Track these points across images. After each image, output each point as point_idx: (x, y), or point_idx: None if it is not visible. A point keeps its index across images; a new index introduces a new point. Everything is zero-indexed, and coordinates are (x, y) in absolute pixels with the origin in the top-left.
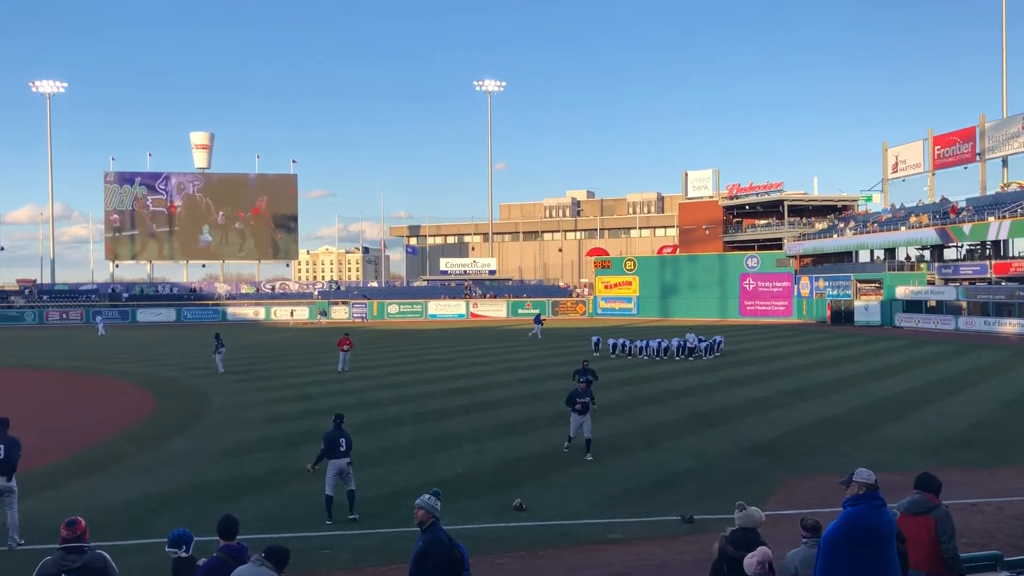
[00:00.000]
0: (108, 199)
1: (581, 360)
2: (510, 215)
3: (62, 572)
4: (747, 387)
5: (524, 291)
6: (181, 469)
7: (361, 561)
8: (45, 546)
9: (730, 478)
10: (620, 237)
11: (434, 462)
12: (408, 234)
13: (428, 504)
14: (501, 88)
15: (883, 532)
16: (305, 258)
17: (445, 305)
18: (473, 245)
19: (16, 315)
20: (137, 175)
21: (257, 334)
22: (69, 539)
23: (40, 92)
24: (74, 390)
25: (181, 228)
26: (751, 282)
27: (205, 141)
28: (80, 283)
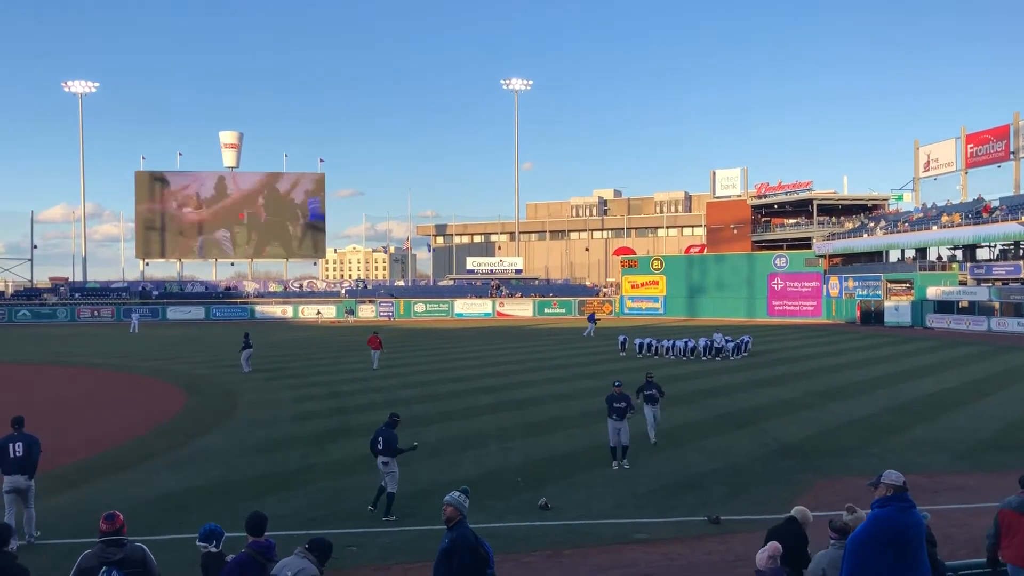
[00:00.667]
0: (138, 198)
1: (645, 374)
2: (537, 214)
3: (103, 564)
4: (775, 388)
5: (550, 290)
6: (210, 466)
7: (388, 559)
8: (78, 540)
9: (757, 479)
10: (647, 236)
11: (460, 461)
12: (435, 233)
13: (457, 501)
14: (528, 87)
15: (911, 534)
16: (332, 257)
17: (471, 304)
18: (500, 244)
19: (49, 312)
20: (167, 174)
21: (285, 332)
22: (109, 532)
23: (72, 92)
24: (105, 387)
25: (210, 227)
26: (779, 282)
27: (234, 140)
28: (111, 281)
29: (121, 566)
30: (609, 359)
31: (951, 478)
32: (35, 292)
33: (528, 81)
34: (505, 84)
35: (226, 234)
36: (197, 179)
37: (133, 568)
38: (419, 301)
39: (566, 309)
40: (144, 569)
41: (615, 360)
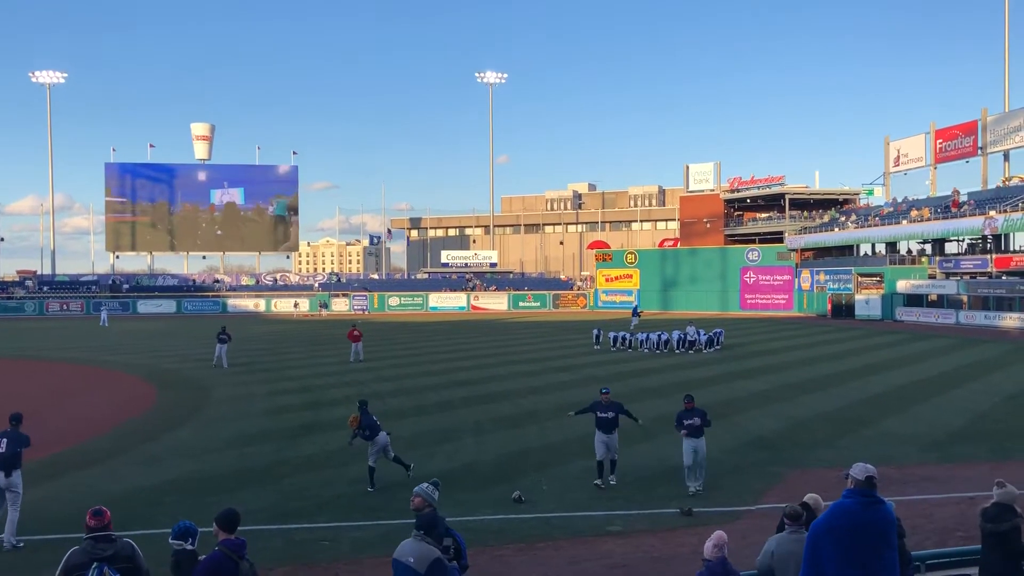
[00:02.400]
0: (109, 190)
1: (683, 397)
2: (511, 208)
3: (93, 561)
4: (747, 380)
5: (525, 284)
6: (182, 461)
7: (361, 552)
8: (48, 536)
9: (730, 471)
10: (621, 230)
11: (435, 454)
12: (409, 226)
13: (425, 492)
14: (503, 80)
15: (873, 528)
16: (306, 250)
17: (446, 297)
18: (474, 238)
19: (16, 306)
20: (138, 166)
21: (258, 326)
22: (97, 528)
23: (40, 83)
24: (75, 381)
25: (181, 219)
26: (752, 275)
27: (206, 132)
28: (81, 274)
29: (111, 562)
30: (583, 352)
31: (919, 469)
32: (2, 285)
33: (503, 74)
34: (480, 77)
35: (197, 227)
36: (168, 171)
37: (123, 564)
38: (393, 294)
39: (541, 303)
40: (134, 564)
41: (589, 353)
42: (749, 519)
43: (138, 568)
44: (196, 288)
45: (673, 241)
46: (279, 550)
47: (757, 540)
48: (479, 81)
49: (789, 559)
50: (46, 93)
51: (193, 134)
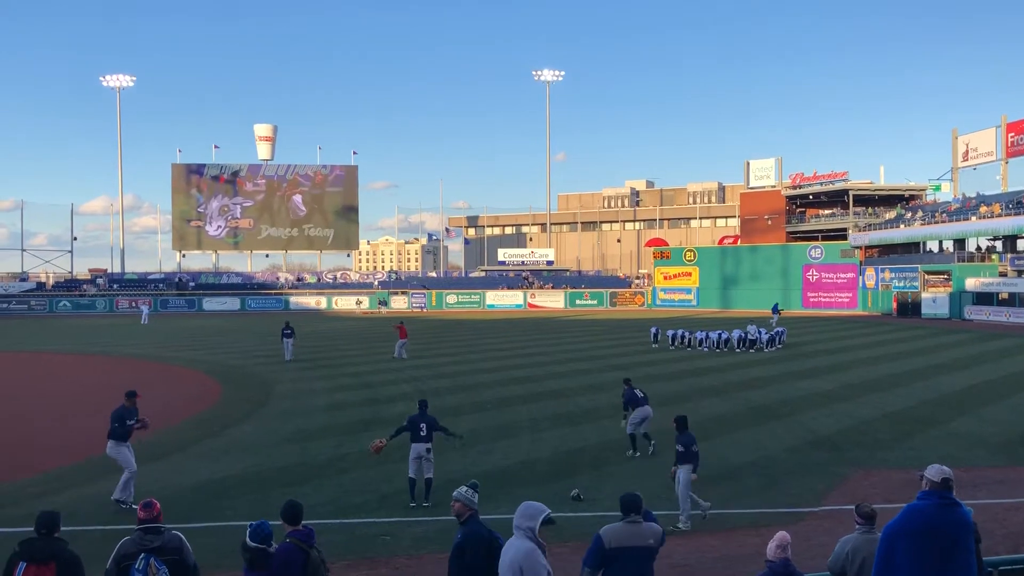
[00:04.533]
0: (175, 190)
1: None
2: (568, 205)
3: (141, 552)
4: (809, 380)
5: (582, 282)
6: (246, 455)
7: (421, 548)
8: (116, 527)
9: (791, 471)
10: (680, 227)
11: (492, 451)
12: (467, 224)
13: (464, 497)
14: (560, 78)
15: (949, 531)
16: (365, 248)
17: (503, 295)
18: (531, 235)
19: (88, 303)
20: (203, 167)
21: (319, 323)
22: (146, 520)
23: (110, 87)
24: (142, 377)
25: (245, 218)
26: (814, 273)
27: (268, 133)
28: (148, 272)
29: (158, 553)
30: (641, 351)
31: (989, 472)
32: (75, 283)
33: (560, 72)
34: (536, 75)
35: (261, 226)
36: (232, 171)
37: (170, 555)
38: (451, 292)
39: (598, 300)
40: (180, 557)
41: (647, 352)
42: (812, 520)
43: (184, 561)
44: (259, 286)
45: (733, 238)
46: (340, 544)
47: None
48: (536, 79)
49: (859, 559)
50: (116, 97)
51: (256, 135)
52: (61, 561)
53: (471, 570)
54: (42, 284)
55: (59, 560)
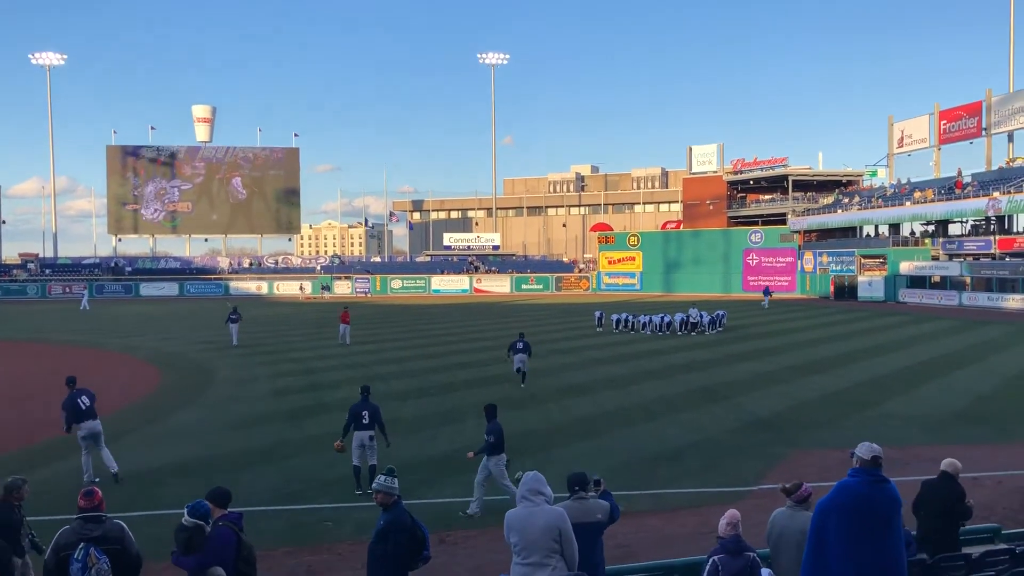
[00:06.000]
0: (110, 173)
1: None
2: (514, 190)
3: (81, 541)
4: (750, 362)
5: (528, 266)
6: (185, 442)
7: (363, 533)
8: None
9: (732, 452)
10: (624, 212)
11: (437, 436)
12: (411, 209)
13: (385, 486)
14: (505, 61)
15: (878, 507)
16: (308, 232)
17: (448, 280)
18: (477, 220)
19: (19, 289)
20: (139, 148)
21: (260, 308)
22: (87, 509)
23: (40, 64)
24: (78, 364)
25: (183, 202)
26: (755, 257)
27: (207, 115)
28: (83, 257)
29: (99, 543)
30: (586, 335)
31: (922, 450)
32: (4, 268)
33: (504, 55)
34: (481, 58)
35: (199, 209)
36: (170, 154)
37: (111, 545)
38: (396, 277)
39: (544, 285)
40: (122, 546)
41: (592, 335)
42: (752, 499)
43: (127, 549)
44: (198, 271)
45: (676, 223)
46: (282, 531)
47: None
48: (481, 62)
49: (790, 535)
50: (46, 75)
51: (194, 116)
52: None
53: (393, 556)
54: None
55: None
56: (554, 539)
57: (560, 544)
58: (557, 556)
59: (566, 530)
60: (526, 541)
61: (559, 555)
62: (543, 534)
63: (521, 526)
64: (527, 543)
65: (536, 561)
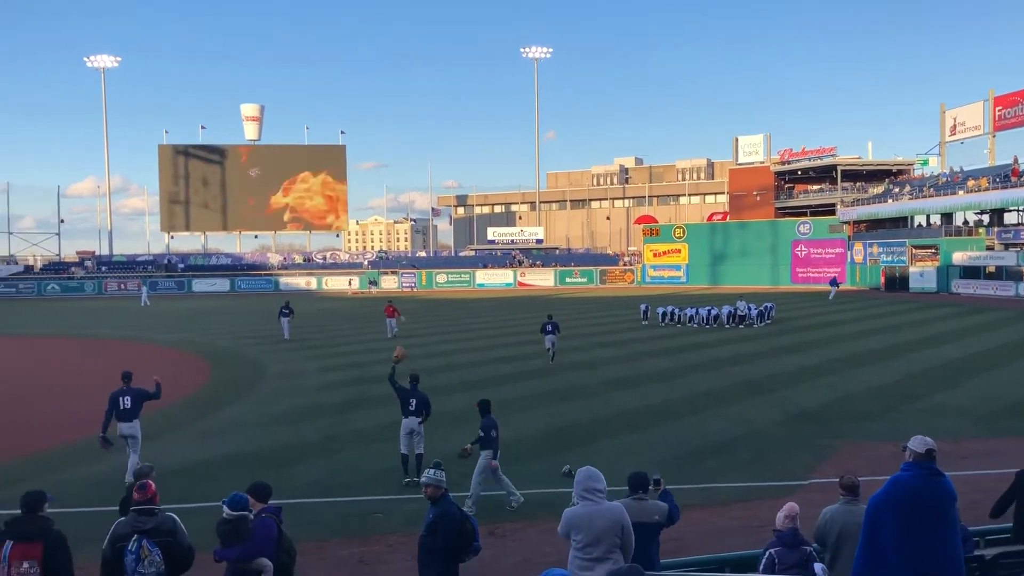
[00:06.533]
0: (162, 171)
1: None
2: (557, 183)
3: (135, 533)
4: (798, 354)
5: (572, 260)
6: (236, 436)
7: (412, 525)
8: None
9: (779, 445)
10: (669, 204)
11: None
12: (456, 203)
13: (433, 479)
14: (548, 55)
15: (933, 502)
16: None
17: (492, 274)
18: (520, 214)
19: (76, 286)
20: (190, 147)
21: (309, 303)
22: (140, 502)
23: (95, 67)
24: (132, 359)
25: (233, 199)
26: (803, 249)
27: (255, 113)
28: (137, 254)
29: (152, 535)
30: (631, 328)
31: (974, 443)
32: (63, 266)
33: (548, 49)
34: (525, 52)
35: (249, 207)
36: (220, 152)
37: (163, 537)
38: (441, 272)
39: (588, 278)
40: (174, 539)
41: (637, 329)
42: (801, 493)
43: (179, 542)
44: (249, 267)
45: (722, 215)
46: (332, 523)
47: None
48: (524, 56)
49: (844, 530)
50: (101, 77)
51: (243, 115)
52: (47, 539)
53: (443, 549)
54: (30, 267)
55: (46, 538)
56: (617, 535)
57: (622, 539)
58: (618, 551)
59: (627, 526)
60: (590, 537)
61: (620, 549)
62: (607, 530)
63: (586, 523)
64: (591, 539)
65: (599, 556)
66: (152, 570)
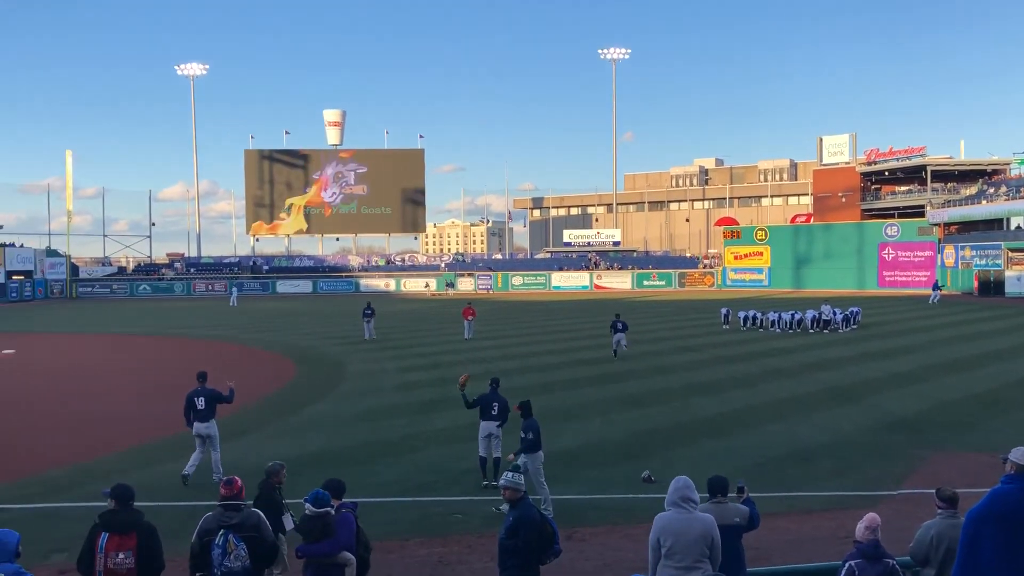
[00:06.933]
0: (248, 176)
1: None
2: (635, 185)
3: (221, 527)
4: (886, 360)
5: (650, 262)
6: (320, 433)
7: (491, 526)
8: (197, 503)
9: (868, 454)
10: (750, 206)
11: (562, 432)
12: (532, 206)
13: (512, 482)
14: (626, 56)
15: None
16: (432, 231)
17: (568, 277)
18: (597, 216)
19: (166, 287)
20: (275, 152)
21: (388, 305)
22: (227, 497)
23: (185, 75)
24: (220, 358)
25: (315, 202)
26: (890, 252)
27: (337, 118)
28: (224, 256)
29: (237, 530)
30: (711, 332)
31: None
32: (154, 267)
33: (626, 50)
34: (603, 54)
35: (331, 210)
36: (303, 157)
37: (248, 532)
38: (516, 274)
39: (666, 281)
40: (259, 534)
41: (718, 333)
42: (890, 504)
43: (263, 538)
44: (330, 269)
45: (806, 217)
46: (413, 522)
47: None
48: (602, 58)
49: (943, 545)
50: (190, 84)
51: (326, 120)
52: (141, 530)
53: (523, 551)
54: (123, 268)
55: (139, 529)
56: (706, 545)
57: (710, 550)
58: (706, 560)
59: (716, 537)
60: (680, 546)
61: (708, 559)
62: (698, 540)
63: (676, 531)
64: (681, 548)
65: (688, 565)
66: (237, 564)
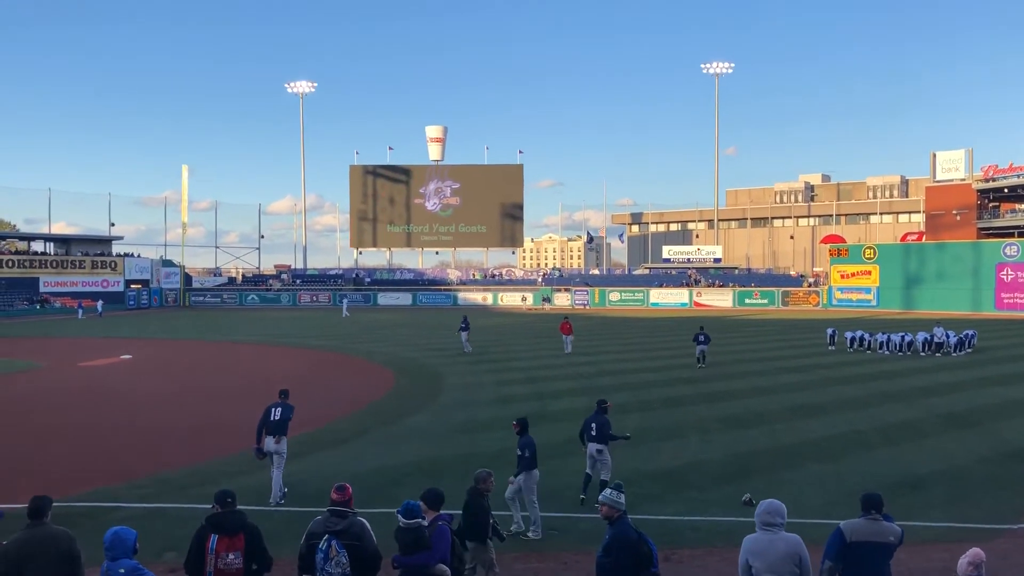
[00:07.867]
0: (353, 190)
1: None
2: (737, 201)
3: (326, 533)
4: (1005, 387)
5: (752, 280)
6: (419, 443)
7: (588, 544)
8: (301, 508)
9: (984, 484)
10: (858, 223)
11: (661, 450)
12: (630, 221)
13: (611, 499)
14: (729, 70)
15: None
16: (530, 246)
17: (667, 293)
18: (697, 232)
19: (273, 297)
20: (378, 167)
21: (485, 318)
22: (337, 503)
23: (295, 93)
24: (324, 367)
25: (417, 217)
26: (1009, 272)
27: (439, 134)
28: (328, 268)
29: (341, 536)
30: (817, 353)
31: None
32: (262, 278)
33: (729, 64)
34: (705, 68)
35: (432, 224)
36: (405, 172)
37: (351, 540)
38: (614, 290)
39: (769, 300)
40: (361, 543)
41: (823, 354)
42: (1010, 538)
43: (365, 547)
44: (430, 282)
45: (918, 235)
46: (510, 537)
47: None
48: (705, 72)
49: None
50: (300, 102)
51: (428, 136)
52: (248, 532)
53: (619, 570)
54: (233, 279)
55: (247, 531)
56: (795, 564)
57: (800, 569)
58: None
59: (804, 557)
60: (766, 565)
61: None
62: (784, 560)
63: (762, 551)
64: (767, 567)
65: None
66: (338, 571)
